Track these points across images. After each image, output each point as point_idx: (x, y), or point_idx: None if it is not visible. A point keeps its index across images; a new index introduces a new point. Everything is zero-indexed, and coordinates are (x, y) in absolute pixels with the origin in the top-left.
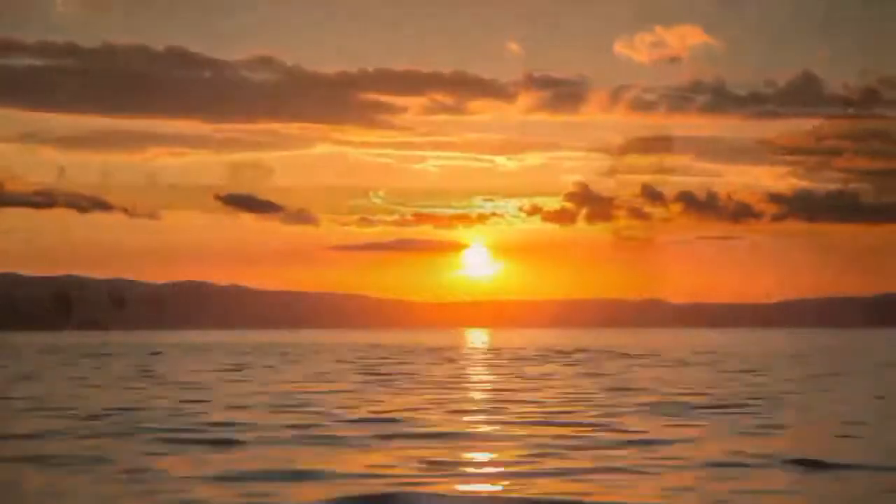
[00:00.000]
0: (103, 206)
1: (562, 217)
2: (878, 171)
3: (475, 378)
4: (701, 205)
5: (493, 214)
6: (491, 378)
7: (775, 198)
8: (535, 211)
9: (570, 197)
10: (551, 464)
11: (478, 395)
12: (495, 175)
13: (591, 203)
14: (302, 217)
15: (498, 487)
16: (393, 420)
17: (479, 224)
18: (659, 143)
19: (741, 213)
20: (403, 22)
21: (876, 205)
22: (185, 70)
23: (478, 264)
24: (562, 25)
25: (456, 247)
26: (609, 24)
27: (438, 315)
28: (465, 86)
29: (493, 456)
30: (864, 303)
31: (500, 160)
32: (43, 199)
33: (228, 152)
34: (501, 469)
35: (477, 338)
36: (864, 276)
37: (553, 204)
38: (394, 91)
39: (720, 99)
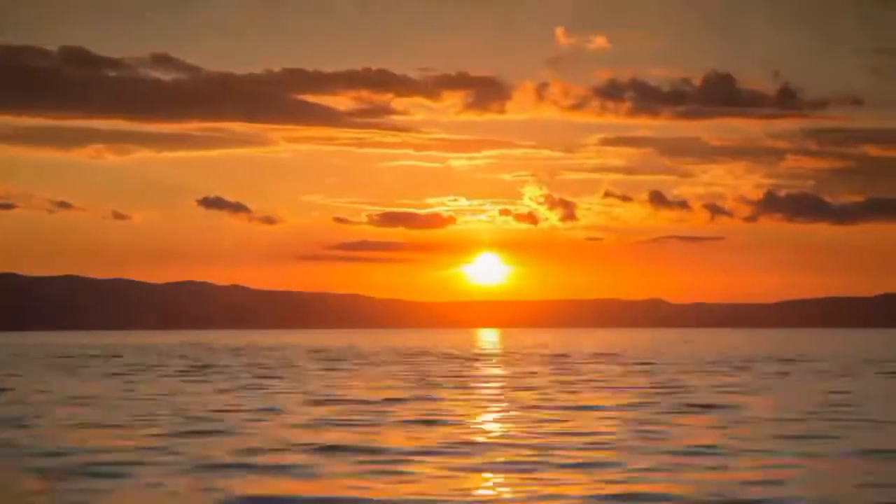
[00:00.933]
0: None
1: (534, 217)
2: (829, 170)
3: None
4: (670, 203)
5: (461, 213)
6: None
7: (744, 199)
8: (506, 212)
9: (539, 198)
10: None
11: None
12: (451, 175)
13: (558, 203)
14: (270, 218)
15: None
16: None
17: (450, 225)
18: (601, 141)
19: (717, 212)
20: (309, 20)
21: (844, 204)
22: (87, 69)
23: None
24: (482, 22)
25: (436, 247)
26: (533, 21)
27: (437, 315)
28: (389, 84)
29: None
30: (867, 303)
31: (455, 160)
32: None
33: (170, 150)
34: None
35: (488, 338)
36: (861, 277)
37: (521, 203)
38: (316, 90)
39: (646, 98)
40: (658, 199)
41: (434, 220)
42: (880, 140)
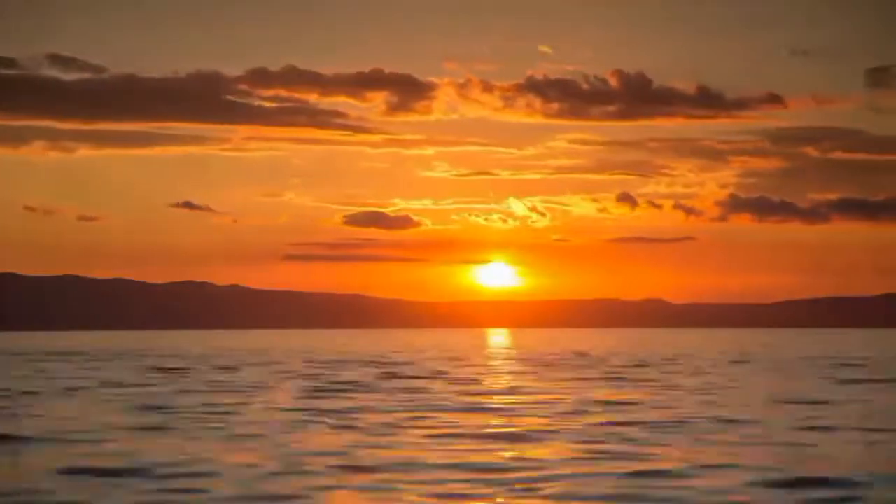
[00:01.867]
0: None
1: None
2: (775, 171)
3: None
4: (637, 202)
5: (425, 214)
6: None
7: (711, 199)
8: (473, 212)
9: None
10: None
11: None
12: (414, 174)
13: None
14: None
15: None
16: None
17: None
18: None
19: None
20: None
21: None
22: None
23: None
24: (400, 21)
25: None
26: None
27: (434, 315)
28: (305, 81)
29: None
30: (868, 303)
31: (406, 159)
32: None
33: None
34: None
35: (500, 339)
36: (861, 277)
37: (492, 205)
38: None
39: (574, 99)
40: (626, 198)
41: (402, 222)
42: (815, 140)
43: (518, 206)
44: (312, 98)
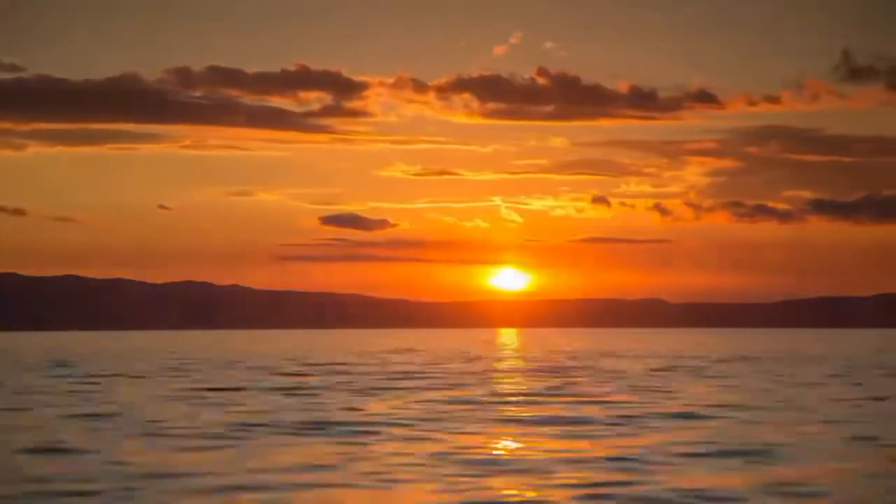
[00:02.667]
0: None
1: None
2: (733, 170)
3: None
4: (609, 203)
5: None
6: None
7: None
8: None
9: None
10: None
11: None
12: (372, 173)
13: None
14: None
15: None
16: None
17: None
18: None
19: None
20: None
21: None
22: None
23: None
24: (333, 19)
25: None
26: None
27: (430, 315)
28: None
29: None
30: (865, 302)
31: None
32: None
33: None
34: None
35: (510, 339)
36: (860, 276)
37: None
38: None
39: (510, 98)
40: (599, 199)
41: (379, 223)
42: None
43: (501, 207)
44: (244, 97)
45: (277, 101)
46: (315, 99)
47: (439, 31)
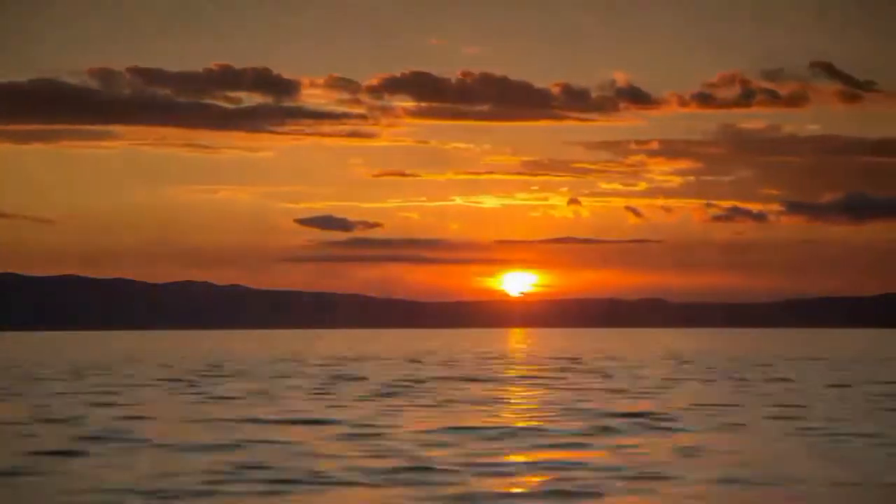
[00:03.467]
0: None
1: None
2: (689, 171)
3: None
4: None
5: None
6: None
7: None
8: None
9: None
10: None
11: None
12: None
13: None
14: None
15: None
16: None
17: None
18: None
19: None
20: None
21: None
22: None
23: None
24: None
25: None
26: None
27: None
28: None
29: None
30: (863, 302)
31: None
32: None
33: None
34: None
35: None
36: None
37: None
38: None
39: (448, 97)
40: (574, 201)
41: (360, 225)
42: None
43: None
44: (178, 96)
45: (209, 100)
46: (247, 97)
47: (367, 30)
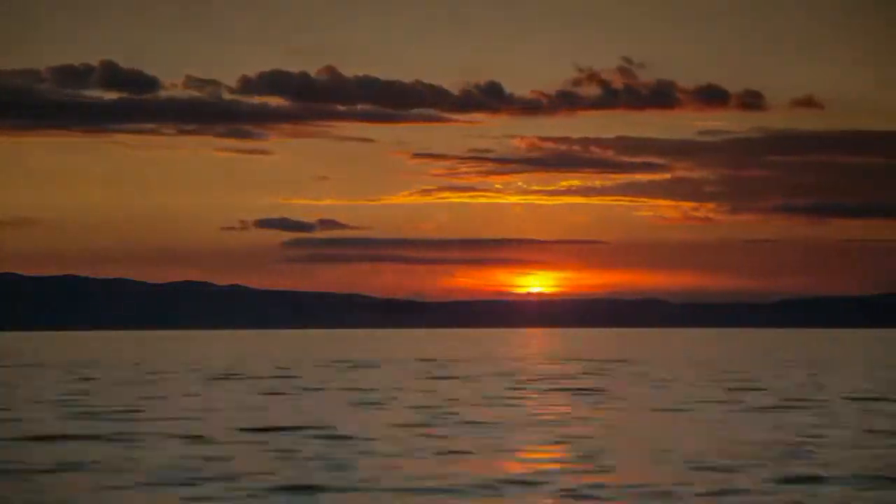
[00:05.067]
0: None
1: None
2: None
3: None
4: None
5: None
6: None
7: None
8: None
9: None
10: None
11: None
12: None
13: None
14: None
15: None
16: None
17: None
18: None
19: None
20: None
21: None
22: None
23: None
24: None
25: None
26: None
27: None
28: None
29: None
30: (860, 302)
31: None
32: None
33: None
34: None
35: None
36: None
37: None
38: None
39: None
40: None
41: (323, 224)
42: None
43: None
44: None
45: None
46: (116, 96)
47: (226, 30)
